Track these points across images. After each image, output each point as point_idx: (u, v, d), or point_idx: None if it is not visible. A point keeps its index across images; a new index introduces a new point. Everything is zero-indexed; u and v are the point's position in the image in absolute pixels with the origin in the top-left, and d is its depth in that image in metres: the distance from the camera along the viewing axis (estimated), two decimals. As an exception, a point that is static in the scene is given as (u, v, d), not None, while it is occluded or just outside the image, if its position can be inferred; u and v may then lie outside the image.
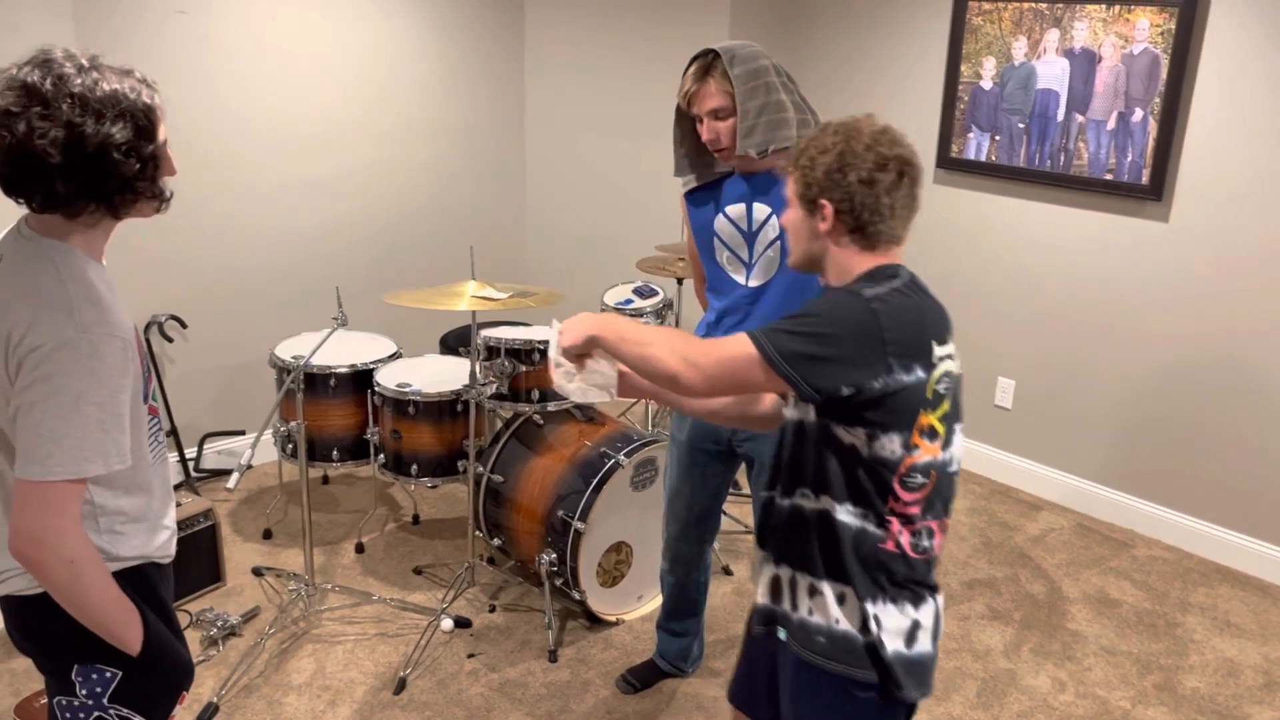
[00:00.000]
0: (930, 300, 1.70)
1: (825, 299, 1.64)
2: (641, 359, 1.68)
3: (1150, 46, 3.70)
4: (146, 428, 1.69)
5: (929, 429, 1.65)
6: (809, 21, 4.83)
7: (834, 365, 1.58)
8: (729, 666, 3.17)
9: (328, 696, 2.97)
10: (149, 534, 1.72)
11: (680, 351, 1.64)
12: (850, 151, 1.66)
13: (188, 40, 3.83)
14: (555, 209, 5.12)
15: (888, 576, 1.71)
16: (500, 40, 4.78)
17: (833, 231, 1.70)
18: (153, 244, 3.93)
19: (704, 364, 1.63)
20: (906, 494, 1.68)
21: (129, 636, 1.65)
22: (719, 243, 2.53)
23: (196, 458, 4.22)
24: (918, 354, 1.62)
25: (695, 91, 2.37)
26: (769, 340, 1.60)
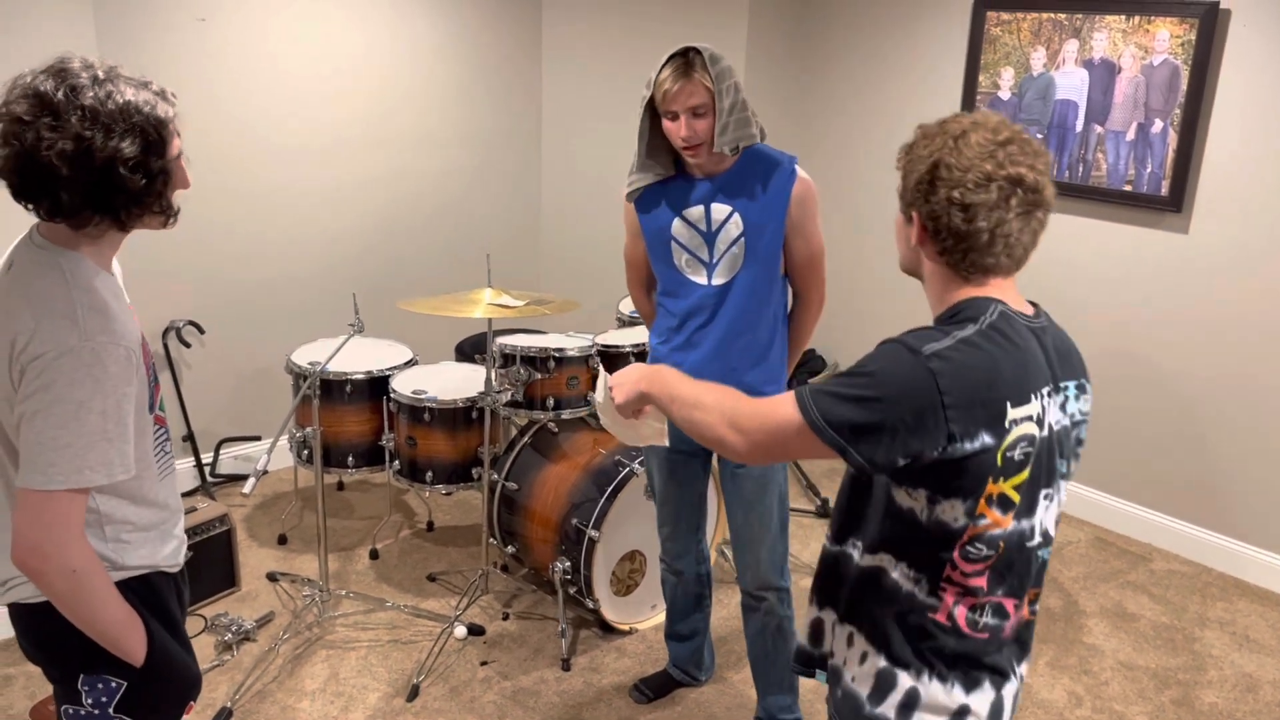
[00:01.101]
0: (1014, 350, 1.44)
1: (881, 353, 1.44)
2: (689, 421, 1.59)
3: (1170, 57, 3.69)
4: (153, 437, 1.69)
5: (999, 497, 1.45)
6: (827, 29, 4.83)
7: (885, 434, 1.39)
8: (741, 677, 3.16)
9: (341, 703, 2.98)
10: (157, 543, 1.72)
11: (728, 416, 1.52)
12: (946, 164, 1.43)
13: (208, 48, 3.86)
14: (572, 216, 5.13)
15: (934, 649, 1.52)
16: (517, 47, 4.80)
17: (924, 248, 1.52)
18: (171, 250, 3.96)
19: (750, 429, 1.50)
20: (967, 564, 1.49)
21: (132, 647, 1.64)
22: (676, 246, 2.53)
23: (213, 463, 4.24)
24: (985, 419, 1.40)
25: (678, 89, 2.34)
26: (815, 405, 1.43)
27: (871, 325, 4.92)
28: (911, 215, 1.50)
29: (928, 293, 1.56)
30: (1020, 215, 1.43)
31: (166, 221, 1.63)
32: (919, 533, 1.48)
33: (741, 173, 2.46)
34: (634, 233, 2.66)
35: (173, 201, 1.63)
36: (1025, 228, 1.45)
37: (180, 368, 4.09)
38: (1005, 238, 1.44)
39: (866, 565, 1.56)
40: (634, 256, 2.73)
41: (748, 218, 2.46)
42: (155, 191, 1.57)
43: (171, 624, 1.75)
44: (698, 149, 2.40)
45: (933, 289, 1.54)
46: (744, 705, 3.04)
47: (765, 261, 2.49)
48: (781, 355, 2.62)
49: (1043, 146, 1.47)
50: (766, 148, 2.48)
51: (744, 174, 2.46)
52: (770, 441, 1.48)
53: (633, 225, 2.65)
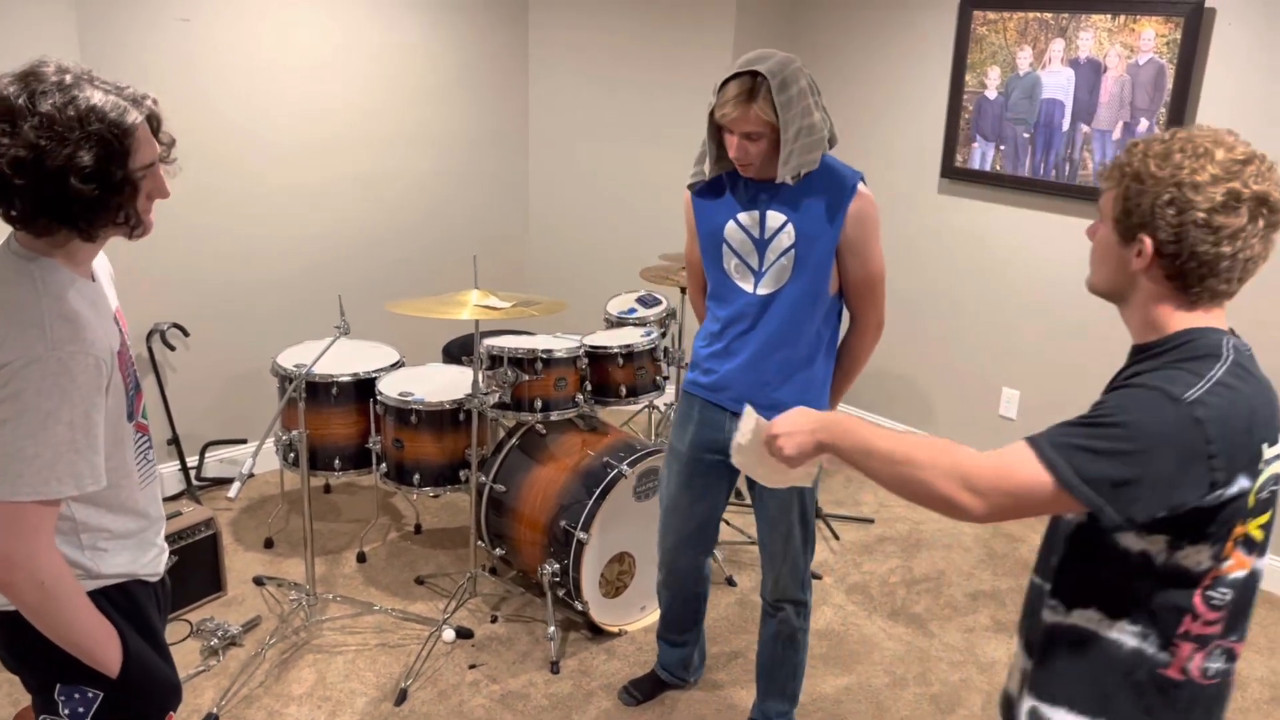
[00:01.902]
0: (1260, 386, 1.37)
1: (1133, 401, 1.33)
2: (899, 479, 1.42)
3: (1156, 57, 3.70)
4: (133, 446, 1.66)
5: (1244, 538, 1.38)
6: (814, 30, 4.83)
7: (1146, 489, 1.29)
8: (730, 679, 3.16)
9: (328, 707, 2.96)
10: (135, 552, 1.70)
11: (956, 475, 1.37)
12: (1192, 184, 1.33)
13: (191, 48, 3.83)
14: (559, 217, 5.11)
15: (1167, 707, 1.42)
16: (504, 48, 4.78)
17: (1148, 272, 1.40)
18: (155, 252, 3.93)
19: (985, 489, 1.35)
20: (1210, 611, 1.39)
21: (107, 658, 1.62)
22: (728, 249, 2.48)
23: (198, 466, 4.21)
24: (1244, 463, 1.33)
25: (736, 116, 2.28)
26: (1065, 460, 1.31)
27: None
28: (1138, 237, 1.38)
29: (1131, 317, 1.47)
30: (1262, 237, 1.37)
31: (133, 233, 1.58)
32: (1150, 580, 1.38)
33: (802, 183, 2.39)
34: (692, 231, 2.60)
35: (142, 212, 1.57)
36: (1264, 251, 1.38)
37: (164, 370, 4.06)
38: (1246, 261, 1.37)
39: (1068, 625, 1.45)
40: (692, 256, 2.67)
41: (801, 229, 2.39)
42: (115, 203, 1.52)
43: (150, 633, 1.73)
44: (749, 167, 2.37)
45: (1142, 314, 1.44)
46: (734, 706, 3.03)
47: (813, 276, 2.41)
48: (825, 377, 2.54)
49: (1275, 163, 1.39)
50: (834, 160, 2.40)
51: (805, 184, 2.39)
52: (1010, 503, 1.35)
53: (690, 223, 2.60)
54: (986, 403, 4.51)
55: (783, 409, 2.51)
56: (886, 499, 4.39)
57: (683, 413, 2.68)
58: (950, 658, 3.30)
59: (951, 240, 4.48)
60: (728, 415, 2.57)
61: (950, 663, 3.28)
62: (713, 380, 2.58)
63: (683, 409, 2.68)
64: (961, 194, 4.42)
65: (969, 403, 4.58)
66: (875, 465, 1.46)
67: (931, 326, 4.65)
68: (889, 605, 3.59)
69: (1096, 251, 1.48)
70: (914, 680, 3.19)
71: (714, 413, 2.60)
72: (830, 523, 4.13)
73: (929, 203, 4.53)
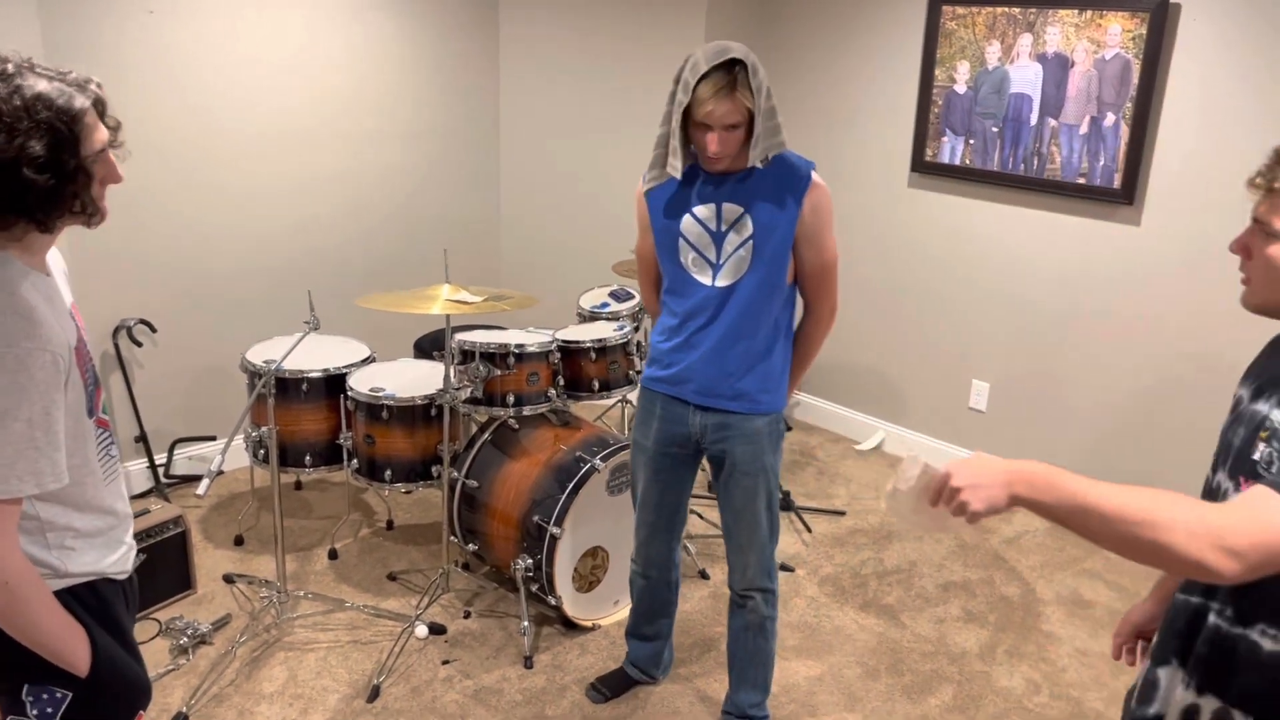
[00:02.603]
0: None
1: None
2: (1129, 540, 1.28)
3: (1122, 51, 3.73)
4: (95, 442, 1.64)
5: None
6: (784, 25, 4.84)
7: None
8: (703, 671, 3.16)
9: (300, 705, 2.94)
10: (102, 550, 1.68)
11: (1207, 536, 1.23)
12: None
13: (158, 40, 3.79)
14: (530, 212, 5.10)
15: None
16: (475, 42, 4.76)
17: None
18: (121, 247, 3.88)
19: (1244, 549, 1.22)
20: None
21: (75, 658, 1.60)
22: (684, 244, 2.50)
23: (167, 464, 4.17)
24: None
25: (723, 110, 2.28)
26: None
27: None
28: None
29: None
30: None
31: (90, 221, 1.55)
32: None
33: (758, 174, 2.42)
34: (644, 227, 2.62)
35: (97, 199, 1.55)
36: None
37: (132, 367, 4.01)
38: None
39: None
40: (644, 252, 2.68)
41: (758, 220, 2.42)
42: (70, 191, 1.49)
43: (119, 632, 1.71)
44: (722, 160, 2.37)
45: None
46: (706, 700, 3.04)
47: (771, 266, 2.45)
48: (783, 365, 2.58)
49: None
50: (787, 151, 2.44)
51: (760, 176, 2.42)
52: (1268, 561, 1.24)
53: (643, 219, 2.60)
54: (956, 395, 4.54)
55: (746, 399, 2.54)
56: (858, 491, 4.42)
57: (644, 409, 2.70)
58: (921, 648, 3.33)
59: (922, 234, 4.51)
60: (690, 408, 2.60)
61: (922, 653, 3.30)
62: (673, 373, 2.59)
63: (644, 405, 2.70)
64: (931, 188, 4.44)
65: (939, 395, 4.61)
66: (1095, 525, 1.29)
67: (902, 319, 4.68)
68: (861, 596, 3.62)
69: (1266, 273, 1.37)
70: (886, 671, 3.21)
71: (676, 407, 2.62)
72: (802, 515, 4.15)
73: (899, 196, 4.55)
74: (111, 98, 1.63)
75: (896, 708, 3.05)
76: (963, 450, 4.56)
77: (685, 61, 2.33)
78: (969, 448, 4.54)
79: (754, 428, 2.56)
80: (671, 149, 2.40)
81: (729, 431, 2.57)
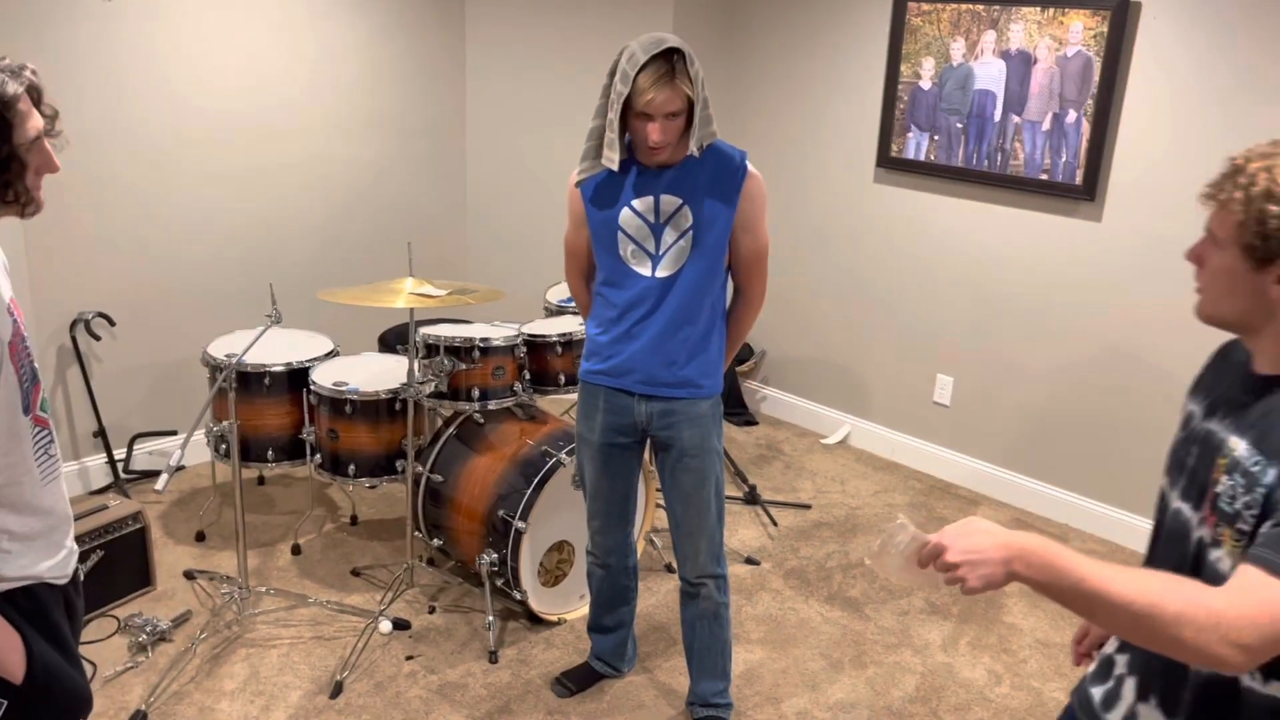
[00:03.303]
0: None
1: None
2: (1137, 630, 1.25)
3: (1083, 49, 3.77)
4: (31, 441, 1.59)
5: None
6: (751, 20, 4.85)
7: None
8: (667, 664, 3.17)
9: (262, 702, 2.91)
10: (41, 553, 1.62)
11: (1215, 630, 1.20)
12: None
13: (117, 30, 3.72)
14: (496, 205, 5.07)
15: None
16: (441, 34, 4.73)
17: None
18: (80, 239, 3.82)
19: (1254, 641, 1.20)
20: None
21: (8, 664, 1.54)
22: (623, 236, 2.51)
23: (126, 459, 4.11)
24: None
25: (663, 97, 2.29)
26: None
27: (794, 311, 4.96)
28: (1275, 264, 1.29)
29: (1264, 345, 1.37)
30: None
31: (24, 211, 1.50)
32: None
33: (693, 166, 2.45)
34: (578, 222, 2.63)
35: (32, 189, 1.50)
36: None
37: (90, 361, 3.95)
38: None
39: (1264, 695, 1.35)
40: (575, 245, 2.69)
41: (697, 211, 2.45)
42: (2, 180, 1.44)
43: (58, 639, 1.65)
44: (664, 149, 2.39)
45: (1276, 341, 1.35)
46: (671, 692, 3.04)
47: (711, 255, 2.49)
48: (720, 349, 2.62)
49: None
50: (719, 141, 2.48)
51: (696, 167, 2.45)
52: (1277, 649, 1.22)
53: (577, 214, 2.61)
54: (921, 389, 4.57)
55: (690, 386, 2.57)
56: (824, 485, 4.44)
57: (587, 402, 2.71)
58: (885, 640, 3.35)
59: (887, 229, 4.54)
60: (635, 398, 2.62)
61: (885, 645, 3.33)
62: (614, 365, 2.61)
63: (586, 399, 2.71)
64: (896, 183, 4.47)
65: (903, 389, 4.64)
66: (1100, 612, 1.26)
67: (867, 314, 4.70)
68: (825, 589, 3.63)
69: (1218, 281, 1.36)
70: (850, 663, 3.23)
71: (620, 398, 2.64)
72: (768, 509, 4.16)
73: (865, 191, 4.57)
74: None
75: (860, 699, 3.06)
76: (929, 445, 4.59)
77: (620, 54, 2.34)
78: (934, 442, 4.58)
79: (699, 411, 2.60)
80: (608, 141, 2.42)
81: (675, 417, 2.60)
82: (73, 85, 3.66)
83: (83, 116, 3.72)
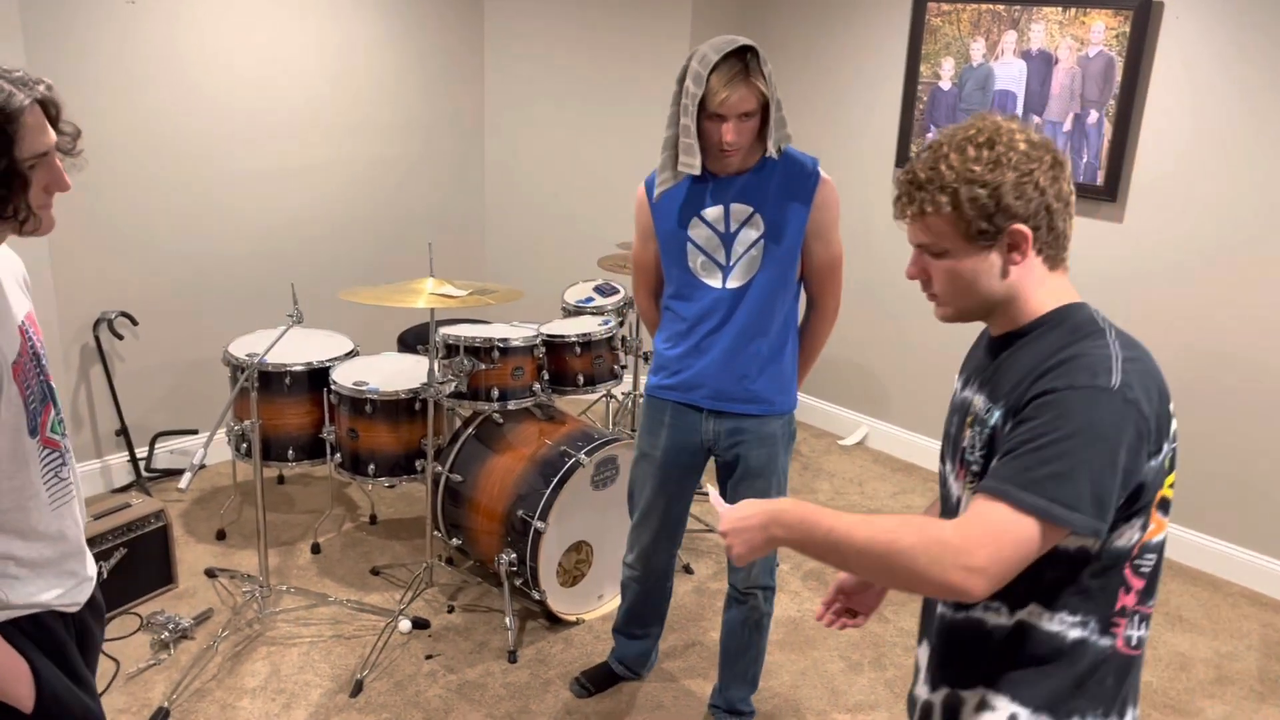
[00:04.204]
0: (1142, 347, 1.38)
1: (1067, 406, 1.28)
2: (883, 570, 1.32)
3: (1105, 49, 3.75)
4: (38, 465, 1.53)
5: (1161, 500, 1.38)
6: (770, 20, 4.84)
7: (1120, 487, 1.28)
8: (687, 666, 3.17)
9: (282, 700, 2.93)
10: (50, 581, 1.57)
11: (947, 557, 1.27)
12: (1024, 156, 1.34)
13: (139, 33, 3.75)
14: (515, 205, 5.09)
15: (1108, 686, 1.41)
16: (461, 35, 4.74)
17: (1024, 260, 1.38)
18: (103, 239, 3.85)
19: (983, 564, 1.26)
20: (1138, 580, 1.39)
21: (17, 693, 1.49)
22: (693, 247, 2.45)
23: (148, 457, 4.14)
24: (1166, 426, 1.34)
25: (737, 97, 2.23)
26: (1045, 498, 1.26)
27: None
28: (1010, 232, 1.36)
29: (999, 318, 1.44)
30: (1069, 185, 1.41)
31: (22, 228, 1.43)
32: (1088, 569, 1.36)
33: (765, 173, 2.38)
34: (646, 235, 2.56)
35: (35, 206, 1.43)
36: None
37: (113, 360, 3.98)
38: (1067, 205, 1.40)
39: (1013, 625, 1.42)
40: (643, 259, 2.63)
41: (769, 219, 2.39)
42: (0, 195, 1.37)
43: (69, 666, 1.61)
44: (738, 152, 2.33)
45: (1015, 309, 1.42)
46: (690, 694, 3.04)
47: (783, 265, 2.42)
48: (793, 363, 2.55)
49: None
50: (789, 147, 2.42)
51: (767, 174, 2.38)
52: (1009, 568, 1.28)
53: (645, 226, 2.55)
54: (939, 391, 4.56)
55: (761, 401, 2.51)
56: (842, 487, 4.43)
57: (651, 418, 2.65)
58: (905, 643, 3.34)
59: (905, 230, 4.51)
60: (703, 415, 2.56)
61: (905, 647, 3.32)
62: (683, 379, 2.55)
63: (651, 414, 2.65)
64: (916, 184, 4.44)
65: (922, 391, 4.63)
66: (851, 559, 1.34)
67: (885, 315, 4.69)
68: (844, 591, 3.62)
69: (955, 283, 1.42)
70: (869, 665, 3.22)
71: (687, 414, 2.58)
72: (786, 510, 4.15)
73: (885, 192, 4.56)
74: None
75: (880, 701, 3.06)
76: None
77: (689, 58, 2.29)
78: (952, 443, 4.56)
79: (769, 430, 2.53)
80: (684, 147, 2.33)
81: (744, 436, 2.53)
82: (96, 86, 3.69)
83: (106, 118, 3.75)
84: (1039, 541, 1.27)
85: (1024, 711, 1.41)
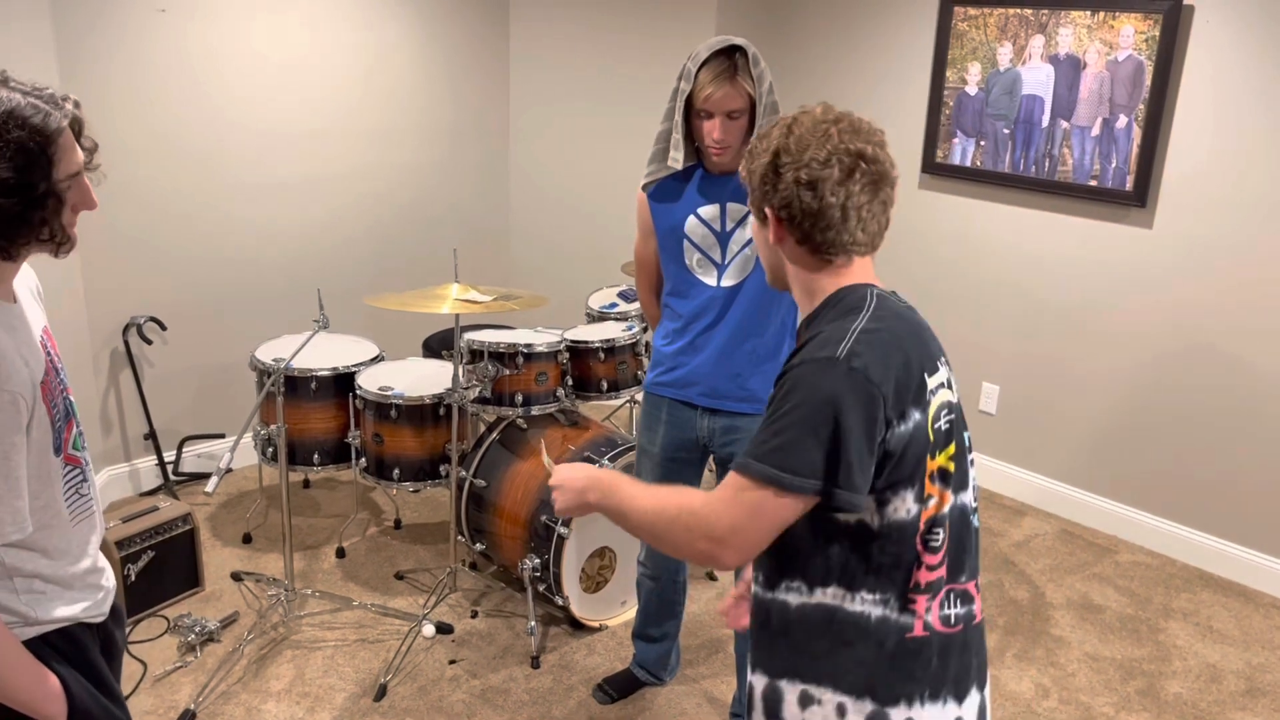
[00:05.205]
0: (906, 322, 1.45)
1: (795, 380, 1.36)
2: (656, 541, 1.44)
3: (1135, 53, 3.71)
4: (62, 483, 1.53)
5: (938, 472, 1.43)
6: (795, 25, 4.83)
7: (854, 453, 1.34)
8: (710, 673, 3.16)
9: (307, 703, 2.94)
10: (75, 595, 1.58)
11: (697, 526, 1.38)
12: (786, 149, 1.44)
13: (169, 40, 3.80)
14: (539, 211, 5.10)
15: (921, 668, 1.43)
16: (485, 41, 4.76)
17: (783, 243, 1.48)
18: (132, 245, 3.89)
19: (725, 534, 1.36)
20: (930, 555, 1.42)
21: (49, 709, 1.49)
22: (689, 244, 2.48)
23: (175, 461, 4.18)
24: (912, 396, 1.39)
25: (721, 94, 2.27)
26: (774, 466, 1.34)
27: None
28: (765, 213, 1.48)
29: (797, 294, 1.53)
30: (867, 189, 1.45)
31: (58, 250, 1.44)
32: (875, 545, 1.40)
33: None
34: (646, 230, 2.59)
35: (67, 226, 1.43)
36: (874, 200, 1.46)
37: (141, 365, 4.02)
38: (857, 210, 1.44)
39: (814, 605, 1.45)
40: (644, 256, 2.66)
41: None
42: (37, 218, 1.37)
43: (97, 677, 1.61)
44: (726, 150, 2.35)
45: (800, 286, 1.51)
46: (714, 700, 3.03)
47: None
48: None
49: (874, 125, 1.49)
50: None
51: None
52: (752, 539, 1.36)
53: (645, 221, 2.58)
54: (966, 398, 4.53)
55: (755, 399, 2.53)
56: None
57: (649, 414, 2.68)
58: (930, 651, 3.31)
59: (932, 235, 4.50)
60: (698, 411, 2.58)
61: (930, 656, 3.29)
62: (679, 376, 2.57)
63: (649, 410, 2.68)
64: (942, 189, 4.43)
65: (949, 398, 4.59)
66: (635, 528, 1.48)
67: (912, 322, 4.65)
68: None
69: (760, 249, 1.57)
70: (894, 674, 3.20)
71: (683, 411, 2.61)
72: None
73: (910, 198, 4.54)
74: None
75: (904, 711, 3.03)
76: (974, 455, 4.53)
77: (689, 57, 2.32)
78: (979, 451, 4.52)
79: None
80: (673, 142, 2.39)
81: (738, 434, 2.55)
82: (127, 93, 3.74)
83: (135, 125, 3.79)
84: (778, 511, 1.35)
85: (848, 700, 1.43)
